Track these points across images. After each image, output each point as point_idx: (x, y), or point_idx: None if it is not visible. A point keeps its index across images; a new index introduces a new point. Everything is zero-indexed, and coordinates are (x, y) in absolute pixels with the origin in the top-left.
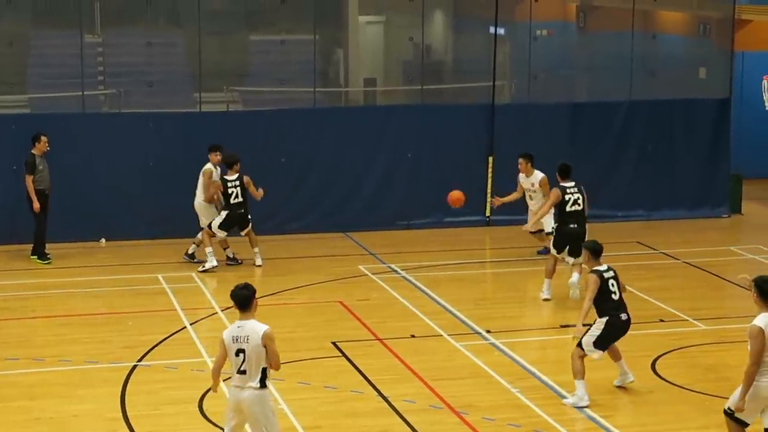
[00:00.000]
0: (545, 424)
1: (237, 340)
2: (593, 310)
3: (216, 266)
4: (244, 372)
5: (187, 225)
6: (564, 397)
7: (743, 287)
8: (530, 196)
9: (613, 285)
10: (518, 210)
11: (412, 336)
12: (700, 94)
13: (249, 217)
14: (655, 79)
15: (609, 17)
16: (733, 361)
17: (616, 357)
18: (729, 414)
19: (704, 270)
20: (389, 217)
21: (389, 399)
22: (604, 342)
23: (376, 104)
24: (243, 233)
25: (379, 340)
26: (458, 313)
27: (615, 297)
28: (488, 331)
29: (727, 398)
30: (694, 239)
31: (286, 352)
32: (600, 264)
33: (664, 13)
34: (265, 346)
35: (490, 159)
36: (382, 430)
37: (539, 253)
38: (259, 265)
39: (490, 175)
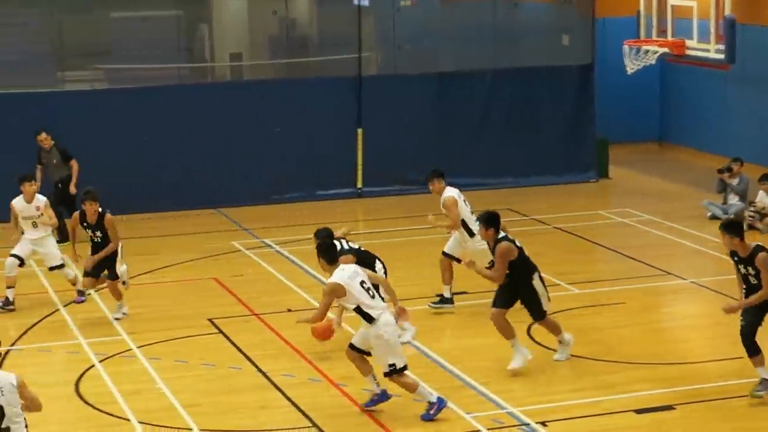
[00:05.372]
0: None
1: None
2: None
3: None
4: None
5: None
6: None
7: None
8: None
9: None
10: (388, 181)
11: (289, 310)
12: (564, 61)
13: None
14: (518, 47)
15: None
16: (604, 323)
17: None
18: None
19: (575, 234)
20: (261, 191)
21: (268, 374)
22: None
23: (243, 79)
24: None
25: (255, 315)
26: None
27: None
28: None
29: (601, 360)
30: (564, 204)
31: (162, 330)
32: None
33: None
34: (22, 396)
35: (360, 131)
36: (262, 405)
37: None
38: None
39: (360, 147)
